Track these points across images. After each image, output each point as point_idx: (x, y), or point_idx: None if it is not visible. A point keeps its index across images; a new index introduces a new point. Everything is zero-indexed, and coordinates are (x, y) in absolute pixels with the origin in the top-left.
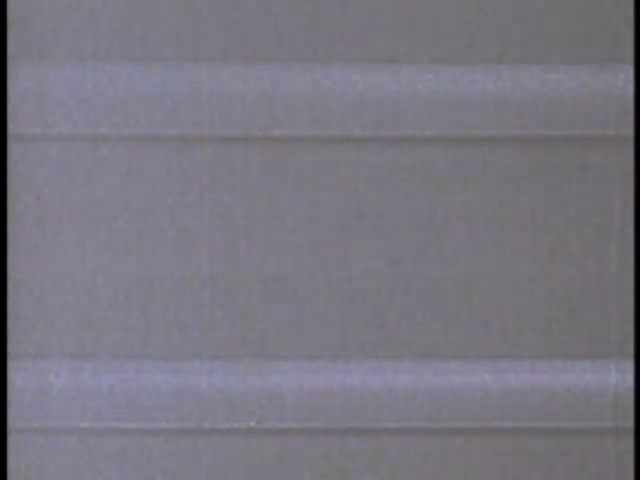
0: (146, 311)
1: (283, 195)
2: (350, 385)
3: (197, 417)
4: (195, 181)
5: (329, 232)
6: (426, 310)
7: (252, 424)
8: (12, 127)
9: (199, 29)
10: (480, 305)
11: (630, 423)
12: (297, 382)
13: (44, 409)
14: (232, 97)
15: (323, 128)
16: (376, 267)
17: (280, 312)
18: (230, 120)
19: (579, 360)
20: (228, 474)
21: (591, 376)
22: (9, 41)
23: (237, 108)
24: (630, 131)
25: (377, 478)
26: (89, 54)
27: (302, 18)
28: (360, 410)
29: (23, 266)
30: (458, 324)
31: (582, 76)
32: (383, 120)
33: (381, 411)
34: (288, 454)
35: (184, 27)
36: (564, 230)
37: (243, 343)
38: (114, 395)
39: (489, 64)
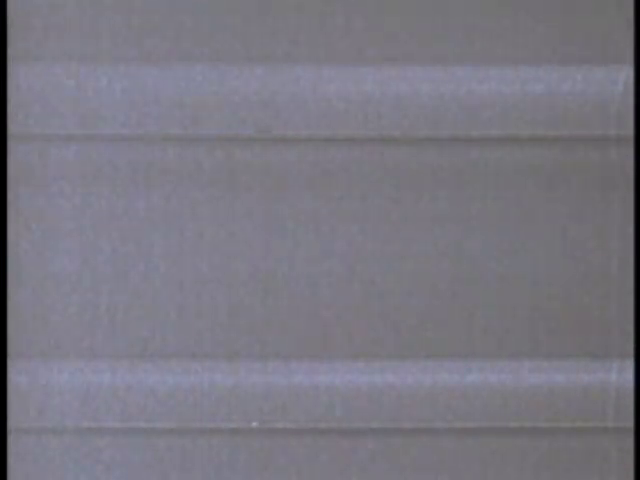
0: (146, 311)
1: (283, 195)
2: (351, 385)
3: (197, 417)
4: (196, 181)
5: (329, 232)
6: (426, 310)
7: (254, 424)
8: (12, 127)
9: (198, 29)
10: (480, 305)
11: (630, 423)
12: (298, 382)
13: (44, 409)
14: (232, 97)
15: (323, 128)
16: (376, 266)
17: (280, 312)
18: (230, 120)
19: (580, 360)
20: (229, 474)
21: (592, 376)
22: (9, 41)
23: (237, 108)
24: (630, 131)
25: (378, 478)
26: (89, 54)
27: (302, 19)
28: (361, 410)
29: (23, 266)
30: (458, 324)
31: (583, 76)
32: (383, 120)
33: (382, 411)
34: (289, 454)
35: (184, 27)
36: (564, 230)
37: (243, 343)
38: (114, 395)
39: (489, 64)
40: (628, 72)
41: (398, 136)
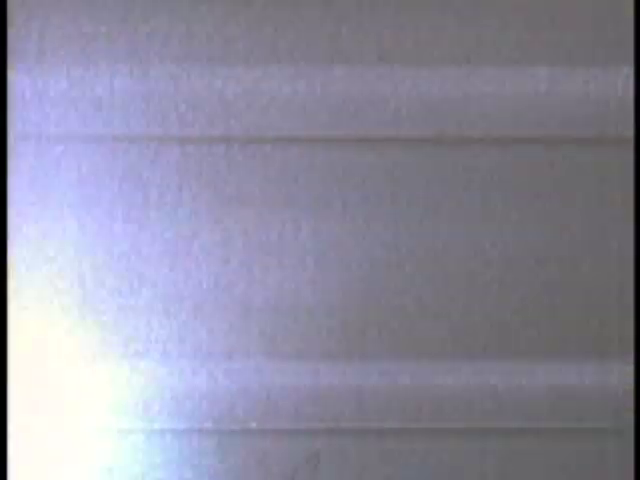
0: (146, 311)
1: (283, 194)
2: (351, 385)
3: (198, 418)
4: (195, 180)
5: (330, 232)
6: (427, 310)
7: (253, 425)
8: (12, 127)
9: (199, 30)
10: (481, 305)
11: (630, 421)
12: (298, 382)
13: (45, 405)
14: (233, 97)
15: (322, 128)
16: (376, 266)
17: (280, 311)
18: (231, 120)
19: (580, 360)
20: (229, 474)
21: (592, 376)
22: (9, 41)
23: (238, 108)
24: (630, 131)
25: (378, 478)
26: (88, 54)
27: (302, 19)
28: (362, 410)
29: (23, 265)
30: (459, 324)
31: (582, 76)
32: (383, 120)
33: (383, 411)
34: (289, 454)
35: (184, 28)
36: (565, 230)
37: (243, 343)
38: (114, 395)
39: (490, 65)
40: (628, 72)
41: (399, 136)
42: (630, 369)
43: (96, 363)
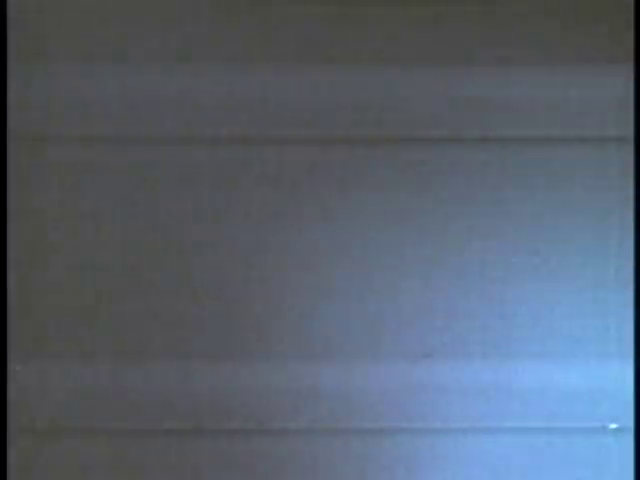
0: (146, 311)
1: (282, 193)
2: (351, 385)
3: (197, 418)
4: (195, 181)
5: (328, 232)
6: (427, 309)
7: (254, 425)
8: (12, 127)
9: (198, 31)
10: (481, 305)
11: (630, 423)
12: (297, 382)
13: (46, 409)
14: (231, 97)
15: (321, 128)
16: (375, 267)
17: (278, 311)
18: (230, 120)
19: (580, 360)
20: (230, 474)
21: (592, 376)
22: (9, 41)
23: (236, 108)
24: (630, 131)
25: (378, 476)
26: (89, 54)
27: (302, 20)
28: (361, 410)
29: (23, 265)
30: (459, 324)
31: (582, 76)
32: (382, 120)
33: (383, 410)
34: (288, 454)
35: (183, 29)
36: (564, 229)
37: (242, 343)
38: (114, 395)
39: (489, 65)
40: (628, 72)
41: (397, 136)
42: (630, 369)
43: (94, 362)
